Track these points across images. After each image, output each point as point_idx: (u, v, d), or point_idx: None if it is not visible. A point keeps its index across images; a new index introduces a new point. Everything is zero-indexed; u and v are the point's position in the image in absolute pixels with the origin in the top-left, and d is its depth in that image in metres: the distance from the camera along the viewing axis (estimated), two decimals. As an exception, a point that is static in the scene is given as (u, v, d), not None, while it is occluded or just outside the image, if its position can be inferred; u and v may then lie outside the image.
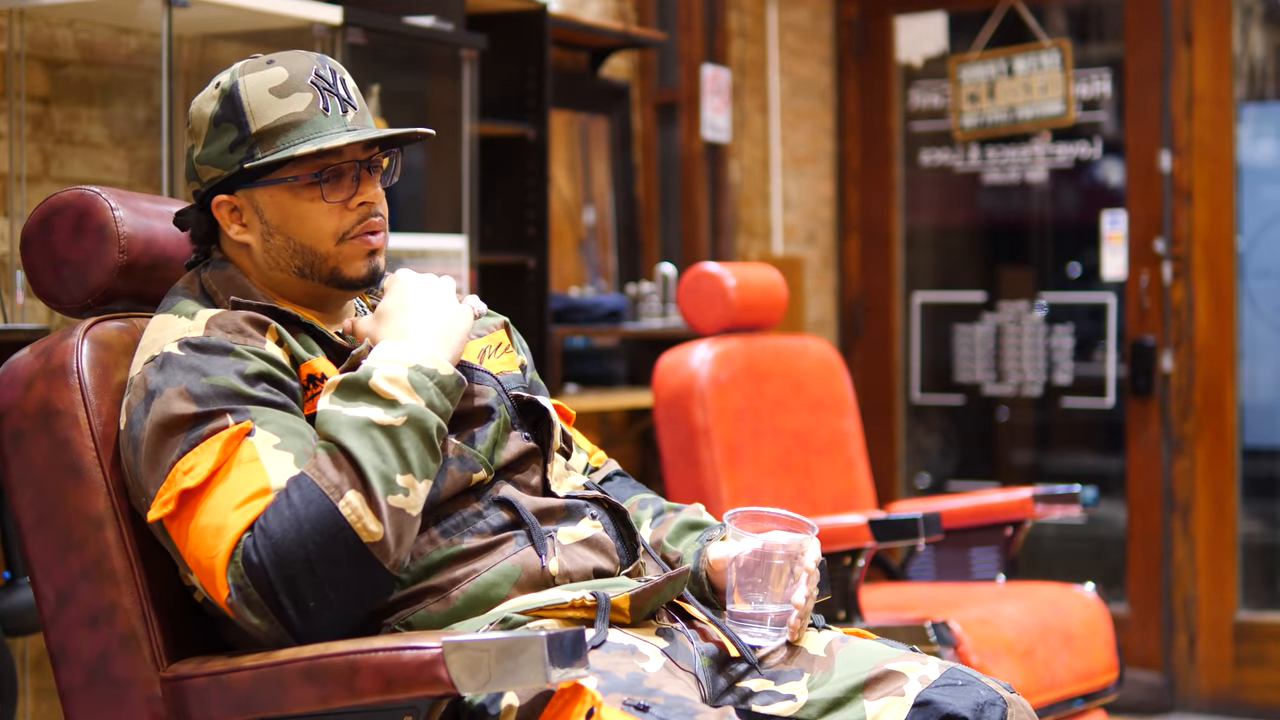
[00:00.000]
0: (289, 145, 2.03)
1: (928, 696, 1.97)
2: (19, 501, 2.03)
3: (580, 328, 4.61)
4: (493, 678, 1.73)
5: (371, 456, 1.87)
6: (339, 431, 1.89)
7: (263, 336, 2.00)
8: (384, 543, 1.86)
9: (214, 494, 1.88)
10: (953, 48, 5.78)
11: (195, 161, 2.08)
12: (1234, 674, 5.22)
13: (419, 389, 1.92)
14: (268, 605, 1.85)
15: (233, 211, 2.08)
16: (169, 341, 1.98)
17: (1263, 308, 5.36)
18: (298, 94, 2.05)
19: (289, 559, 1.84)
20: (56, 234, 2.11)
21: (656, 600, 2.01)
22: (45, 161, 3.39)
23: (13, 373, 2.05)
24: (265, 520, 1.86)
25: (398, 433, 1.89)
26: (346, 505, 1.85)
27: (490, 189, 4.31)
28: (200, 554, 1.88)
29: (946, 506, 3.82)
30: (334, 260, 2.08)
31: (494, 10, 4.31)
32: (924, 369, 5.86)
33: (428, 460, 1.91)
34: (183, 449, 1.91)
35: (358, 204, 2.07)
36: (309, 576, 1.85)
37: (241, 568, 1.85)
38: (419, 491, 1.90)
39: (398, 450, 1.88)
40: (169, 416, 1.92)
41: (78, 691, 2.00)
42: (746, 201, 5.56)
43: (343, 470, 1.87)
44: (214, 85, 2.08)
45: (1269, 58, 5.41)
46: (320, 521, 1.85)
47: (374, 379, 1.91)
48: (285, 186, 2.06)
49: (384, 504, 1.86)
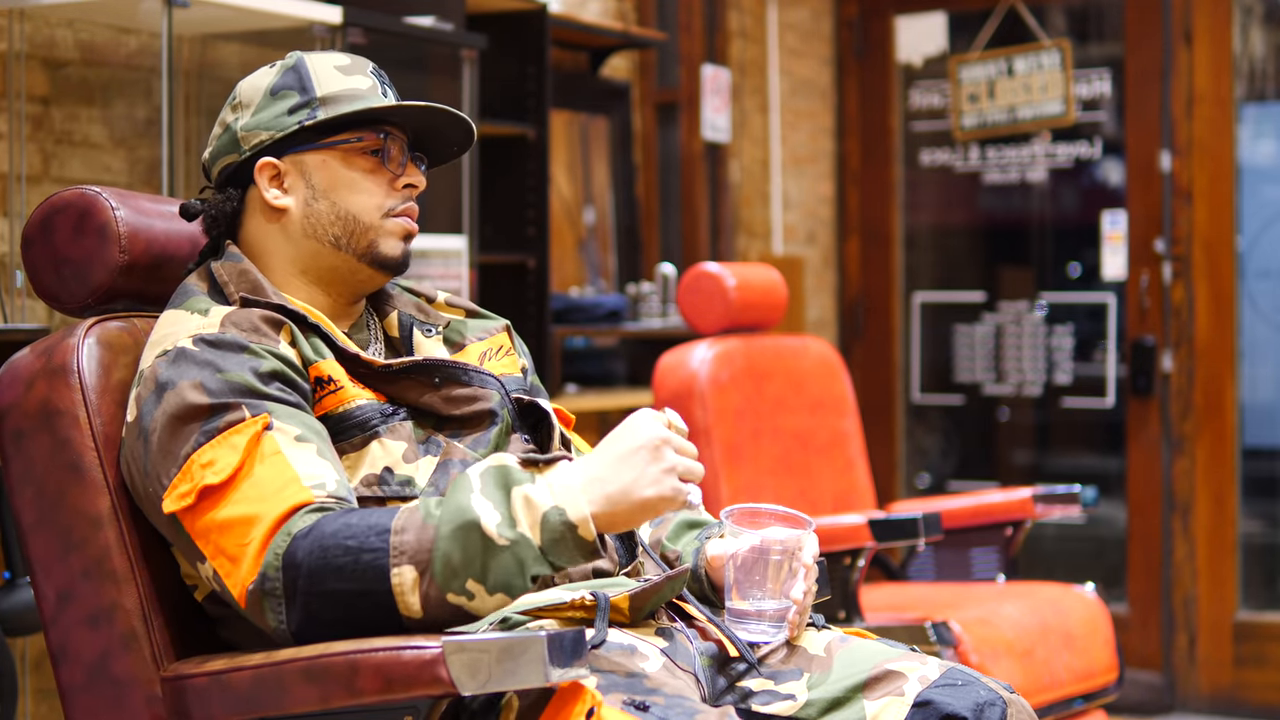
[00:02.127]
0: (353, 108, 2.07)
1: (927, 696, 1.97)
2: (20, 501, 2.03)
3: (580, 328, 4.61)
4: (493, 677, 1.73)
5: (452, 551, 1.81)
6: (454, 506, 1.83)
7: (277, 336, 2.00)
8: (419, 621, 1.83)
9: (240, 488, 1.87)
10: (953, 48, 5.78)
11: (240, 130, 2.08)
12: (1234, 674, 5.23)
13: (545, 530, 1.83)
14: (285, 604, 1.84)
15: (274, 176, 2.08)
16: (183, 337, 1.97)
17: (1263, 308, 5.36)
18: (360, 75, 2.11)
19: (325, 578, 1.82)
20: (58, 233, 2.11)
21: (656, 600, 2.01)
22: (45, 161, 3.39)
23: (14, 372, 2.06)
24: (323, 525, 1.84)
25: (494, 549, 1.82)
26: (398, 575, 1.81)
27: (490, 189, 4.31)
28: (228, 543, 1.86)
29: (946, 506, 3.82)
30: (374, 233, 2.09)
31: (494, 10, 4.31)
32: (924, 369, 5.86)
33: (509, 584, 1.82)
34: (199, 440, 1.90)
35: (403, 184, 2.11)
36: (334, 601, 1.83)
37: (280, 560, 1.83)
38: (486, 601, 1.83)
39: (483, 563, 1.82)
40: (183, 407, 1.91)
41: (78, 691, 2.00)
42: (746, 201, 5.56)
43: (420, 545, 1.82)
44: (269, 66, 2.12)
45: (1269, 58, 5.41)
46: (369, 571, 1.81)
47: (519, 489, 1.84)
48: (339, 151, 2.08)
49: (439, 595, 1.82)
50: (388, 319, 2.19)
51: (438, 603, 1.82)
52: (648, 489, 1.85)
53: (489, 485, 1.84)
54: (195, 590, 2.02)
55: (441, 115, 2.13)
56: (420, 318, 2.19)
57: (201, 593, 2.01)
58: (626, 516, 1.86)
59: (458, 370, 2.08)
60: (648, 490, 1.85)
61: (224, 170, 2.11)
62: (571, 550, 1.83)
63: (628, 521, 1.86)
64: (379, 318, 2.19)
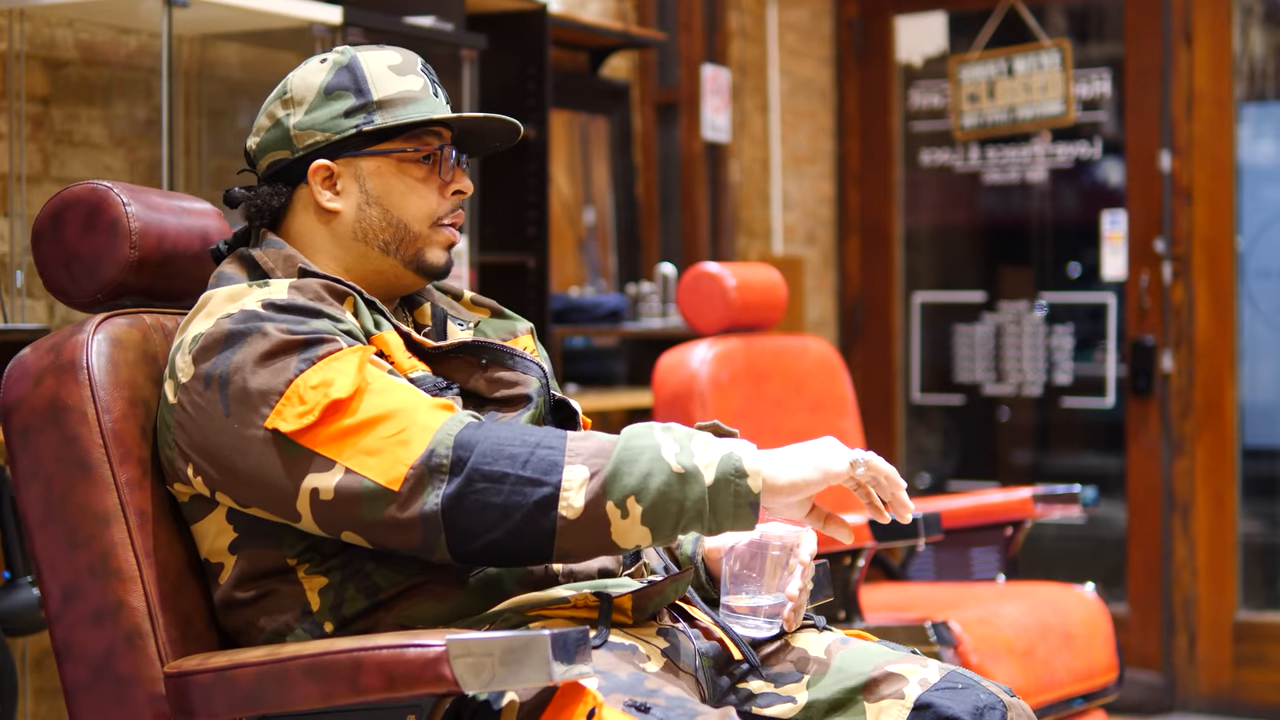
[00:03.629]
0: (409, 117, 2.07)
1: (927, 699, 1.98)
2: (26, 497, 2.03)
3: (580, 328, 4.61)
4: (496, 677, 1.73)
5: (627, 462, 1.85)
6: (630, 434, 1.88)
7: (341, 306, 2.00)
8: (573, 524, 1.84)
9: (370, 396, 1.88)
10: (953, 48, 5.78)
11: (293, 128, 2.08)
12: (1234, 674, 5.23)
13: (719, 469, 1.86)
14: (448, 481, 1.84)
15: (327, 179, 2.08)
16: (250, 303, 1.95)
17: (1263, 308, 5.36)
18: (413, 75, 2.11)
19: (498, 460, 1.84)
20: (68, 228, 2.11)
21: (659, 600, 2.01)
22: (45, 161, 3.39)
23: (22, 368, 2.05)
24: (498, 427, 1.88)
25: (667, 473, 1.85)
26: (571, 471, 1.85)
27: (490, 189, 4.31)
28: (374, 439, 1.86)
29: (946, 506, 3.82)
30: (422, 242, 2.10)
31: (494, 10, 4.31)
32: (924, 369, 5.86)
33: (664, 517, 1.85)
34: (299, 367, 1.89)
35: (452, 191, 2.12)
36: (499, 485, 1.84)
37: (453, 438, 1.85)
38: (635, 528, 1.85)
39: (652, 483, 1.84)
40: (273, 344, 1.90)
41: (82, 689, 1.99)
42: (746, 201, 5.56)
43: (598, 452, 1.86)
44: (319, 60, 2.11)
45: (1269, 58, 5.41)
46: (543, 463, 1.85)
47: (699, 435, 1.89)
48: (393, 159, 2.08)
49: (600, 499, 1.84)
50: (420, 308, 2.19)
51: (595, 507, 1.84)
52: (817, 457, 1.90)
53: (675, 429, 1.89)
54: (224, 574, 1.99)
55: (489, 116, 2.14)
56: (452, 311, 2.20)
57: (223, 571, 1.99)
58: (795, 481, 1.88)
59: (504, 354, 2.09)
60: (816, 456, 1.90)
61: (274, 164, 2.11)
62: (734, 498, 1.85)
63: (794, 488, 1.88)
64: (410, 309, 2.20)
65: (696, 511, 1.85)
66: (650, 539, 1.86)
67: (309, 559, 1.97)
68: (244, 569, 1.98)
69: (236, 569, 1.99)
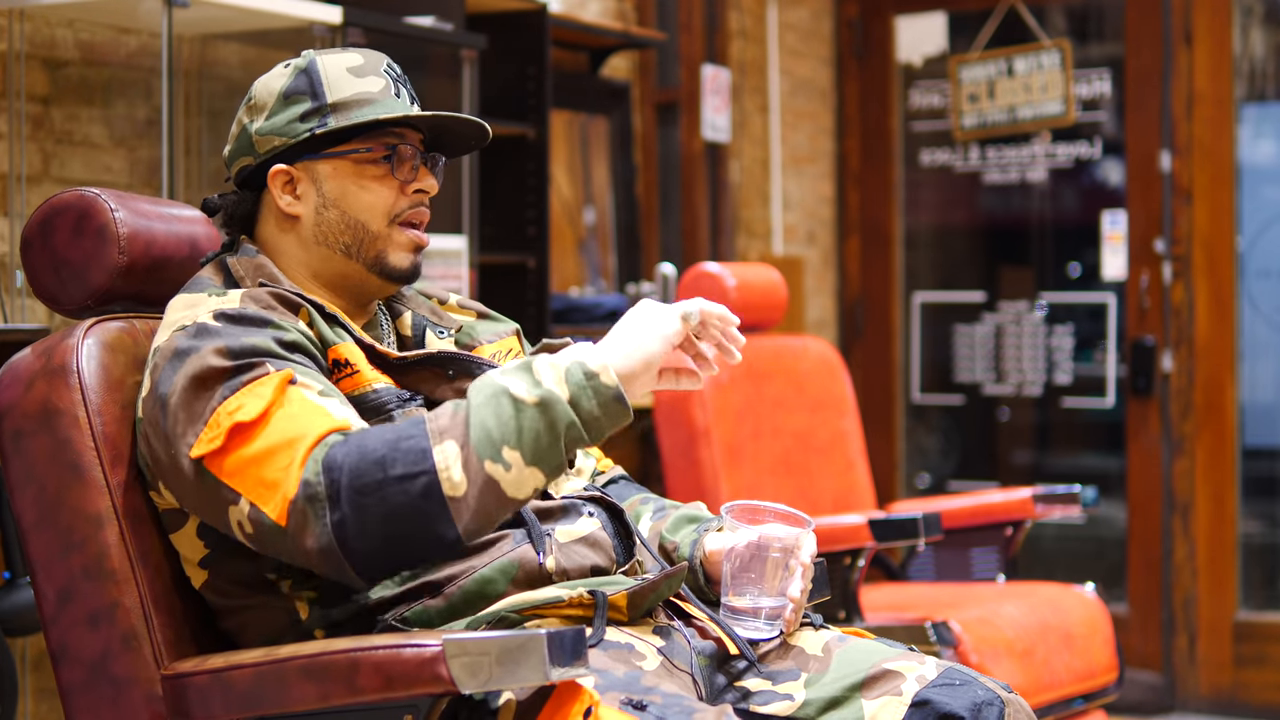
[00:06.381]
0: (363, 117, 2.06)
1: (925, 696, 1.98)
2: (20, 501, 2.03)
3: (580, 328, 4.61)
4: (493, 676, 1.74)
5: (486, 418, 1.84)
6: (475, 391, 1.87)
7: (294, 316, 2.00)
8: (463, 500, 1.83)
9: (272, 422, 1.87)
10: (953, 48, 5.79)
11: (255, 134, 2.08)
12: (1234, 674, 5.23)
13: (570, 382, 1.86)
14: (328, 507, 1.82)
15: (287, 183, 2.09)
16: (203, 314, 1.96)
17: (1263, 308, 5.36)
18: (374, 77, 2.10)
19: (367, 470, 1.82)
20: (57, 235, 2.12)
21: (654, 598, 2.01)
22: (45, 161, 3.39)
23: (13, 372, 2.06)
24: (361, 436, 1.85)
25: (525, 409, 1.85)
26: (441, 452, 1.83)
27: (490, 189, 4.31)
28: (266, 471, 1.85)
29: (946, 506, 3.82)
30: (383, 242, 2.09)
31: (494, 10, 4.31)
32: (924, 369, 5.86)
33: (544, 449, 1.85)
34: (224, 394, 1.89)
35: (414, 190, 2.11)
36: (378, 495, 1.82)
37: (320, 464, 1.83)
38: (523, 474, 1.84)
39: (517, 425, 1.84)
40: (205, 369, 1.90)
41: (78, 690, 2.00)
42: (746, 201, 5.56)
43: (455, 421, 1.85)
44: (283, 66, 2.11)
45: (1269, 58, 5.41)
46: (410, 454, 1.83)
47: (538, 360, 1.89)
48: (350, 160, 2.08)
49: (478, 465, 1.83)
50: (400, 319, 2.19)
51: (478, 474, 1.82)
52: (647, 336, 1.92)
53: (511, 368, 1.89)
54: (202, 584, 2.01)
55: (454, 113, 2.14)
56: (433, 319, 2.20)
57: (199, 580, 2.00)
58: (636, 361, 1.90)
59: (471, 364, 2.09)
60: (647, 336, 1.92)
61: (241, 171, 2.12)
62: (605, 398, 1.86)
63: (646, 365, 1.91)
64: (392, 317, 2.20)
65: (570, 430, 1.85)
66: (544, 478, 1.86)
67: (290, 575, 1.98)
68: (224, 582, 1.99)
69: (217, 581, 2.00)
